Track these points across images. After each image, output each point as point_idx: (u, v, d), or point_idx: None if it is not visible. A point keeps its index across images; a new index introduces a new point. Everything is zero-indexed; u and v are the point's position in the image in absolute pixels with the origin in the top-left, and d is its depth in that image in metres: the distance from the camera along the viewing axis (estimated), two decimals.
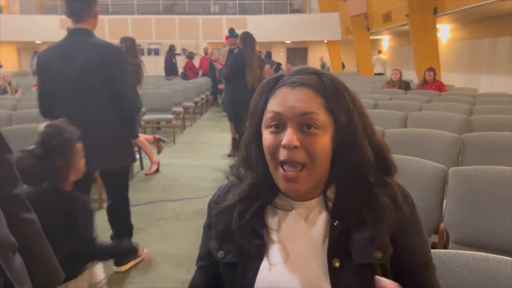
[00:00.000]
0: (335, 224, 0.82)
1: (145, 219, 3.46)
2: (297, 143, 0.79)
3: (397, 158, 1.92)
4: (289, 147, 0.78)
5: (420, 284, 0.85)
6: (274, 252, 0.85)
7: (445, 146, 2.60)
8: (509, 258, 0.95)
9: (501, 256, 0.96)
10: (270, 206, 0.89)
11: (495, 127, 3.14)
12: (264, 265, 0.84)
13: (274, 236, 0.86)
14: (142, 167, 5.03)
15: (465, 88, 7.83)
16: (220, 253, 0.88)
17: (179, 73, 11.14)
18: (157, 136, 5.14)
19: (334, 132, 0.82)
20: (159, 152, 5.14)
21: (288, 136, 0.79)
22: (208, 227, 0.94)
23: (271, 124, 0.82)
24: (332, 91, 0.82)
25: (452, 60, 10.31)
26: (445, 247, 1.96)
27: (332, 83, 0.83)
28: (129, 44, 4.54)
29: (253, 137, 0.87)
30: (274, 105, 0.82)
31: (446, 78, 8.96)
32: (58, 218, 1.53)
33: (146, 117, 6.61)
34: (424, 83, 6.72)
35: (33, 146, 1.61)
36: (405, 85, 6.82)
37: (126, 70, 2.46)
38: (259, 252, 0.85)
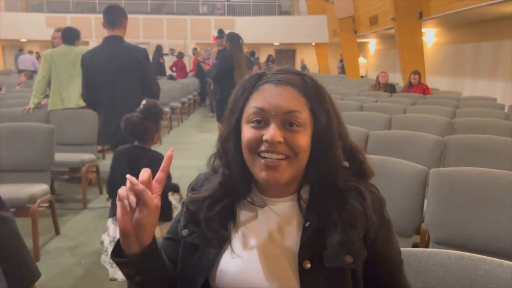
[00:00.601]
0: (307, 225, 0.82)
1: None
2: (281, 139, 0.79)
3: (379, 159, 1.95)
4: (273, 143, 0.78)
5: (392, 287, 0.86)
6: (239, 244, 0.85)
7: (427, 148, 2.64)
8: (483, 257, 0.97)
9: (476, 255, 0.98)
10: (244, 202, 0.88)
11: (477, 130, 3.20)
12: (227, 254, 0.84)
13: (242, 230, 0.86)
14: None
15: (449, 91, 7.97)
16: (185, 231, 0.88)
17: (167, 74, 11.10)
18: None
19: (313, 132, 0.83)
20: None
21: (272, 131, 0.79)
22: (184, 205, 0.94)
23: (253, 119, 0.82)
24: (314, 92, 0.83)
25: (437, 64, 10.47)
26: (426, 247, 2.00)
27: (315, 84, 0.85)
28: None
29: (231, 132, 0.86)
30: (257, 101, 0.82)
31: (431, 81, 9.09)
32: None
33: None
34: (410, 86, 6.81)
35: (139, 109, 2.18)
36: (390, 88, 6.90)
37: (151, 66, 3.15)
38: (222, 241, 0.85)
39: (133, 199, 0.72)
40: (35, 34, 16.83)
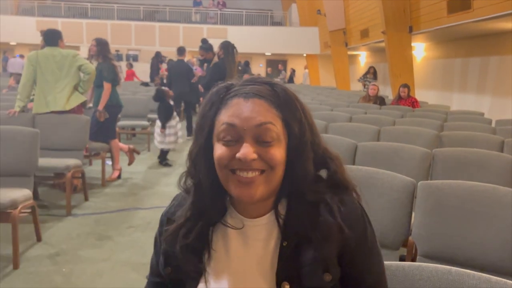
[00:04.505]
0: (284, 244, 0.79)
1: (114, 227, 3.37)
2: (255, 156, 0.76)
3: (368, 170, 1.94)
4: (246, 161, 0.75)
5: None
6: (216, 274, 0.82)
7: (415, 160, 2.64)
8: (471, 272, 0.95)
9: (464, 270, 0.96)
10: (219, 224, 0.85)
11: (465, 143, 3.22)
12: (202, 287, 0.81)
13: (219, 258, 0.83)
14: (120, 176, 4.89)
15: (438, 105, 8.06)
16: (167, 269, 0.86)
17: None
18: (131, 146, 5.04)
19: (287, 143, 0.80)
20: (129, 163, 5.02)
21: (245, 149, 0.75)
22: (158, 240, 0.91)
23: (224, 136, 0.78)
24: (285, 102, 0.80)
25: (426, 78, 10.60)
26: (413, 260, 1.98)
27: (285, 93, 0.81)
28: (106, 45, 4.63)
29: (201, 149, 0.82)
30: (227, 116, 0.78)
31: (420, 95, 9.19)
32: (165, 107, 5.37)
33: (121, 123, 6.50)
34: (399, 99, 6.87)
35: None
36: (380, 101, 6.95)
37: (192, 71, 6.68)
38: (197, 274, 0.82)
39: None
40: (25, 37, 16.67)
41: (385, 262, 0.95)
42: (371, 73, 10.30)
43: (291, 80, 17.41)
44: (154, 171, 5.32)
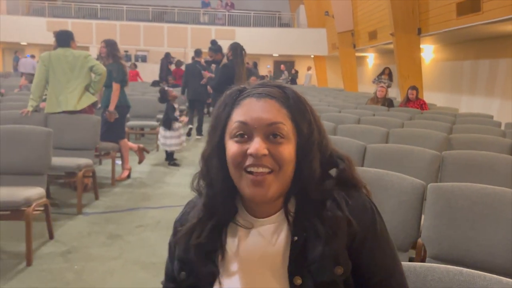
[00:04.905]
0: (295, 240, 0.81)
1: (124, 226, 3.42)
2: (265, 151, 0.79)
3: (377, 172, 1.96)
4: (257, 156, 0.78)
5: None
6: (229, 274, 0.84)
7: (424, 162, 2.65)
8: (482, 273, 0.97)
9: (475, 271, 0.98)
10: (231, 225, 0.87)
11: (474, 146, 3.22)
12: None
13: (231, 257, 0.85)
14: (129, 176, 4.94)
15: (446, 107, 8.02)
16: (182, 275, 0.88)
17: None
18: (141, 146, 5.10)
19: (297, 143, 0.83)
20: (139, 162, 5.09)
21: (256, 145, 0.79)
22: (172, 246, 0.93)
23: (236, 133, 0.81)
24: (295, 103, 0.84)
25: (435, 80, 10.56)
26: (422, 262, 1.99)
27: (295, 96, 0.85)
28: (115, 46, 4.67)
29: (214, 149, 0.85)
30: (239, 115, 0.82)
31: (428, 97, 9.16)
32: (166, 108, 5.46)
33: (131, 123, 6.56)
34: (407, 101, 6.86)
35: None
36: (388, 102, 6.94)
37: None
38: (212, 277, 0.84)
39: None
40: (35, 37, 16.85)
41: None
42: (386, 74, 9.84)
43: (293, 81, 17.39)
44: (163, 171, 5.36)
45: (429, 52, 10.94)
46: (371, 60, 16.15)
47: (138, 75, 13.51)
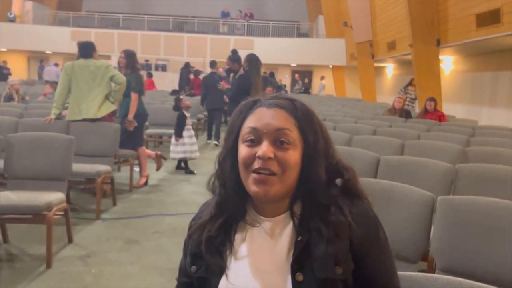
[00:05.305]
0: (299, 239, 0.88)
1: (141, 232, 3.50)
2: (272, 155, 0.87)
3: (388, 184, 1.98)
4: (264, 158, 0.86)
5: None
6: (236, 268, 0.91)
7: (438, 175, 2.65)
8: (482, 284, 0.99)
9: (475, 282, 1.00)
10: (240, 224, 0.95)
11: (491, 159, 3.17)
12: (223, 282, 0.90)
13: (239, 252, 0.92)
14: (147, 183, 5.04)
15: (465, 119, 7.92)
16: (193, 268, 0.95)
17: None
18: (159, 153, 5.22)
19: (303, 150, 0.91)
20: (157, 169, 5.20)
21: (264, 148, 0.87)
22: (186, 242, 1.01)
23: (248, 138, 0.90)
24: (303, 114, 0.92)
25: (455, 91, 10.44)
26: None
27: (303, 107, 0.94)
28: (134, 57, 4.78)
29: (229, 152, 0.94)
30: (251, 121, 0.91)
31: (448, 108, 9.06)
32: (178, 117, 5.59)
33: (149, 131, 6.70)
34: (425, 113, 6.81)
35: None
36: (406, 114, 6.91)
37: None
38: (220, 270, 0.91)
39: None
40: (60, 47, 17.36)
41: (399, 272, 1.00)
42: (413, 85, 9.54)
43: (306, 91, 17.43)
44: (180, 178, 5.45)
45: (449, 63, 10.83)
46: (390, 71, 16.06)
47: (153, 84, 13.70)
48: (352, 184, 0.94)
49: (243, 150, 0.90)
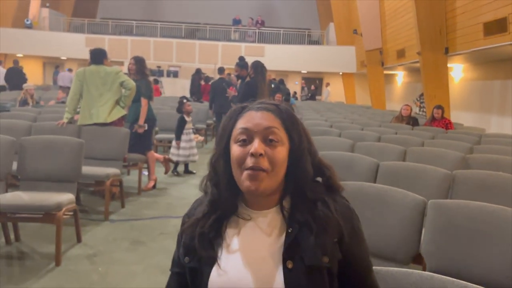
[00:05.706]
0: (289, 231, 0.96)
1: (147, 233, 3.60)
2: (263, 151, 0.96)
3: (381, 188, 2.05)
4: (256, 154, 0.95)
5: (366, 286, 1.01)
6: (228, 258, 0.99)
7: (436, 181, 2.70)
8: (455, 280, 1.06)
9: (448, 278, 1.07)
10: (232, 218, 1.03)
11: (491, 167, 3.19)
12: (214, 271, 0.98)
13: (231, 246, 1.00)
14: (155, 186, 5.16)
15: (472, 127, 7.90)
16: (186, 259, 1.03)
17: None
18: (167, 157, 5.34)
19: (290, 148, 1.00)
20: (166, 172, 5.33)
21: (255, 145, 0.96)
22: (180, 236, 1.09)
23: (240, 138, 0.99)
24: (287, 116, 1.03)
25: (464, 99, 10.41)
26: None
27: (288, 110, 1.05)
28: (143, 63, 4.90)
29: (221, 153, 1.03)
30: (242, 123, 1.01)
31: (457, 116, 9.04)
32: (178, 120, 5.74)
33: (159, 136, 6.83)
34: (432, 120, 6.83)
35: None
36: (413, 121, 6.93)
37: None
38: (212, 260, 0.99)
39: None
40: (75, 53, 17.73)
41: (375, 267, 1.09)
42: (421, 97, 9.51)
43: (312, 97, 17.52)
44: (187, 182, 5.56)
45: (458, 71, 10.82)
46: (400, 78, 16.05)
47: (158, 90, 13.69)
48: (333, 181, 1.04)
49: (236, 150, 0.98)
